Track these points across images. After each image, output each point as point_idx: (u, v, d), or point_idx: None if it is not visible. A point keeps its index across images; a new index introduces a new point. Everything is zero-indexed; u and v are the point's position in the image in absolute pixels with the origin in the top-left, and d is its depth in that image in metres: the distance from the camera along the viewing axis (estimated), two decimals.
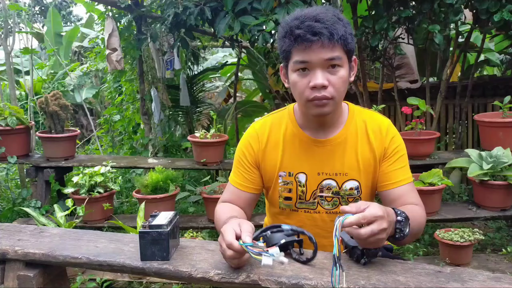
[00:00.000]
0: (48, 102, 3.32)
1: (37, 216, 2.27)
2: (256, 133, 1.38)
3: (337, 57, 1.15)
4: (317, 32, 1.11)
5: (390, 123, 1.38)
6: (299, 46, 1.14)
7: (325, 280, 0.99)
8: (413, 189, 1.33)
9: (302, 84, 1.18)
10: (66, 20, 14.24)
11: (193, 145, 3.25)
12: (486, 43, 4.55)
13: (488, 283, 0.96)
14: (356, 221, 0.95)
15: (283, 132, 1.35)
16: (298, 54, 1.16)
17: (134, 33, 4.19)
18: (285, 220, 1.41)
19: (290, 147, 1.34)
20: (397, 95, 3.87)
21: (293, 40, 1.15)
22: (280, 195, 1.38)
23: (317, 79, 1.15)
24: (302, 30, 1.12)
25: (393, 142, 1.33)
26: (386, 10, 3.13)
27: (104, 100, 7.16)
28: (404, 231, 1.04)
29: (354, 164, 1.32)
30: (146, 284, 2.65)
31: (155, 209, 2.73)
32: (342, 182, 1.32)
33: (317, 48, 1.13)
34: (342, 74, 1.18)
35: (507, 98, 2.99)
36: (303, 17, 1.14)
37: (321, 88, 1.16)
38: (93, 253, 1.20)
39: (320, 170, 1.32)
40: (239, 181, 1.39)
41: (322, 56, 1.14)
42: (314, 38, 1.11)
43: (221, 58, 7.96)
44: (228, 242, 1.00)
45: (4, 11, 3.95)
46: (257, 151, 1.37)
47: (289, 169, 1.34)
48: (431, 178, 2.75)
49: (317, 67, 1.15)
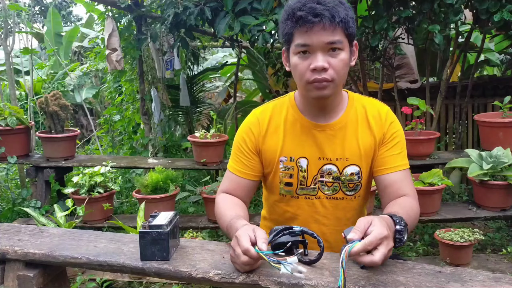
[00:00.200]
0: (48, 102, 3.32)
1: (37, 216, 2.27)
2: (256, 119, 1.38)
3: (337, 41, 1.16)
4: (319, 13, 1.12)
5: (389, 109, 1.39)
6: (300, 28, 1.15)
7: (325, 280, 0.99)
8: (408, 176, 1.32)
9: (303, 66, 1.19)
10: (66, 20, 14.25)
11: (193, 145, 3.25)
12: (486, 43, 4.56)
13: (488, 283, 0.96)
14: (363, 249, 0.93)
15: (284, 117, 1.35)
16: (299, 37, 1.17)
17: (134, 33, 4.19)
18: (284, 207, 1.40)
19: (291, 132, 1.34)
20: (397, 95, 3.87)
21: (294, 22, 1.16)
22: (281, 180, 1.36)
23: (317, 61, 1.16)
24: (304, 12, 1.13)
25: (392, 127, 1.33)
26: (386, 10, 3.13)
27: (104, 100, 7.16)
28: (403, 239, 1.03)
29: (355, 149, 1.32)
30: (146, 284, 2.65)
31: (155, 209, 2.73)
32: (343, 167, 1.32)
33: (319, 31, 1.14)
34: (343, 57, 1.19)
35: (507, 98, 2.99)
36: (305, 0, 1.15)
37: (321, 71, 1.17)
38: (93, 253, 1.20)
39: (321, 155, 1.32)
40: (238, 168, 1.38)
41: (323, 39, 1.15)
42: (315, 20, 1.12)
43: (221, 58, 7.97)
44: (245, 248, 0.99)
45: (4, 11, 3.95)
46: (258, 136, 1.36)
47: (290, 154, 1.34)
48: (431, 178, 2.75)
49: (318, 50, 1.16)
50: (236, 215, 1.22)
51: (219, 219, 1.32)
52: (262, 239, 1.01)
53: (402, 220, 1.05)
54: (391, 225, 1.02)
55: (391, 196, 1.28)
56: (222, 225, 1.28)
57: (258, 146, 1.37)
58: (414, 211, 1.22)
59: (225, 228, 1.24)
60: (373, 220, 0.98)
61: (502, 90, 4.22)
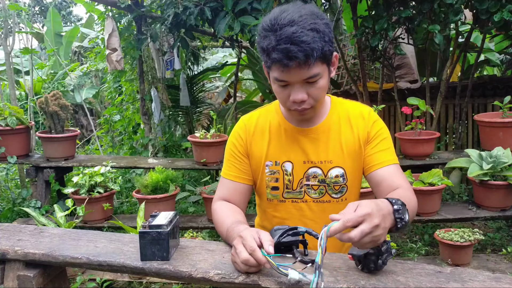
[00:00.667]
0: (48, 102, 3.32)
1: (37, 216, 2.27)
2: (244, 124, 1.42)
3: (315, 75, 1.16)
4: (293, 56, 1.11)
5: (372, 109, 1.40)
6: (276, 66, 1.16)
7: (325, 280, 0.99)
8: (399, 171, 1.31)
9: (283, 95, 1.22)
10: (66, 20, 14.26)
11: (193, 145, 3.25)
12: (486, 43, 4.56)
13: (488, 283, 0.96)
14: (342, 227, 0.92)
15: (269, 123, 1.39)
16: (276, 71, 1.18)
17: (134, 33, 4.19)
18: (272, 213, 1.41)
19: (276, 137, 1.37)
20: (397, 95, 3.87)
21: (270, 60, 1.16)
22: (267, 185, 1.38)
23: (296, 95, 1.19)
24: (278, 54, 1.12)
25: (376, 125, 1.35)
26: (386, 10, 3.13)
27: (104, 100, 7.17)
28: (404, 218, 1.00)
29: (338, 151, 1.34)
30: (146, 284, 2.65)
31: (155, 209, 2.74)
32: (327, 170, 1.34)
33: (295, 69, 1.14)
34: (321, 84, 1.20)
35: (507, 98, 2.99)
36: (279, 35, 1.12)
37: (300, 102, 1.20)
38: (93, 253, 1.20)
39: (305, 158, 1.35)
40: (232, 173, 1.40)
41: (300, 76, 1.16)
42: (290, 63, 1.12)
43: (221, 58, 7.97)
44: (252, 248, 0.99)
45: (4, 11, 3.95)
46: (246, 140, 1.40)
47: (275, 158, 1.36)
48: (431, 178, 2.75)
49: (296, 83, 1.18)
50: (236, 220, 1.22)
51: (218, 226, 1.31)
52: (268, 242, 1.01)
53: (399, 201, 1.02)
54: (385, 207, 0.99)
55: (385, 191, 1.27)
56: (222, 231, 1.27)
57: (247, 149, 1.39)
58: (411, 199, 1.19)
59: (225, 233, 1.23)
60: (361, 202, 0.97)
61: (502, 90, 4.22)
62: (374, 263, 1.01)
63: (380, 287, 0.96)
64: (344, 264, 1.07)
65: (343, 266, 1.05)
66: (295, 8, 1.16)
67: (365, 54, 3.84)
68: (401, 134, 3.25)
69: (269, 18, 1.17)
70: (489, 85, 4.31)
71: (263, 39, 1.17)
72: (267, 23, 1.16)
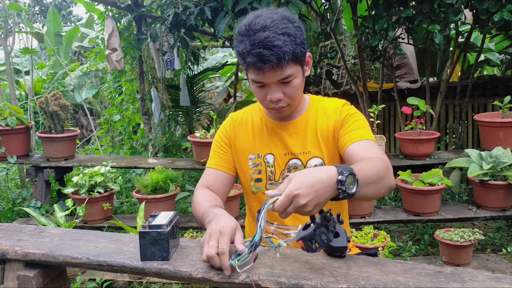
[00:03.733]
0: (48, 102, 3.32)
1: (37, 216, 2.27)
2: (231, 118, 1.54)
3: (288, 75, 1.24)
4: (266, 60, 1.18)
5: (347, 102, 1.47)
6: (252, 69, 1.24)
7: (325, 280, 0.99)
8: (371, 145, 1.29)
9: (260, 95, 1.31)
10: (66, 20, 14.27)
11: (193, 145, 3.25)
12: (486, 43, 4.56)
13: (488, 283, 0.96)
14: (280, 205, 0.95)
15: (252, 119, 1.50)
16: (252, 73, 1.25)
17: (134, 33, 4.19)
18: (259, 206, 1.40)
19: (258, 132, 1.47)
20: (397, 95, 3.87)
21: (245, 64, 1.24)
22: (251, 177, 1.46)
23: (273, 94, 1.28)
24: (252, 58, 1.19)
25: (347, 110, 1.41)
26: (386, 10, 3.14)
27: (104, 100, 7.17)
28: (347, 190, 0.97)
29: (315, 142, 1.41)
30: (146, 284, 2.65)
31: (155, 209, 2.74)
32: (307, 160, 1.41)
33: (269, 71, 1.21)
34: (296, 83, 1.28)
35: (507, 98, 2.99)
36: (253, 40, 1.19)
37: (277, 101, 1.29)
38: (93, 253, 1.20)
39: (286, 150, 1.43)
40: (215, 162, 1.50)
41: (274, 77, 1.24)
42: (264, 66, 1.20)
43: (221, 58, 7.98)
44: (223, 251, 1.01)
45: (4, 11, 3.95)
46: (229, 131, 1.51)
47: (257, 151, 1.46)
48: (431, 178, 2.75)
49: (272, 84, 1.26)
50: (213, 204, 1.27)
51: (195, 209, 1.35)
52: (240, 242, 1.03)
53: (347, 171, 0.98)
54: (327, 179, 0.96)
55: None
56: (198, 213, 1.31)
57: (230, 141, 1.50)
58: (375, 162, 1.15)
59: (200, 215, 1.27)
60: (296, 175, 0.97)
61: (502, 90, 4.22)
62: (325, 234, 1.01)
63: (380, 287, 0.96)
64: (344, 264, 1.07)
65: (343, 266, 1.05)
66: (268, 13, 1.24)
67: (365, 54, 3.84)
68: (401, 134, 3.25)
69: (244, 24, 1.25)
70: (489, 85, 4.31)
71: (239, 43, 1.25)
72: (242, 28, 1.24)
